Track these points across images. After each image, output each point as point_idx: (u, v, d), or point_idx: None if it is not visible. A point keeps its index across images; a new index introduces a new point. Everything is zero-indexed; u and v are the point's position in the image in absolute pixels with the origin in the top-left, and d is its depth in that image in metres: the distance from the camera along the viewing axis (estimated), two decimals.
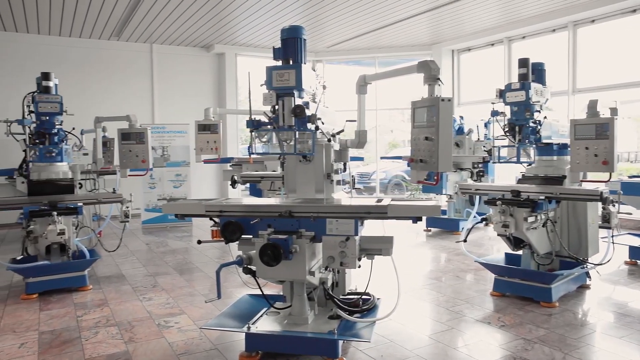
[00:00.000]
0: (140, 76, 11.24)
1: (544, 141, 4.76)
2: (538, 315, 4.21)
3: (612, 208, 4.20)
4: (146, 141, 5.88)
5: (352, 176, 4.11)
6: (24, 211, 4.98)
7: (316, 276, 3.36)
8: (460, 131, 8.28)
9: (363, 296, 3.78)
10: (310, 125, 3.28)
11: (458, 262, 6.22)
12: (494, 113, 4.79)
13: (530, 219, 4.34)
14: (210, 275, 5.77)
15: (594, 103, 4.46)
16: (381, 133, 13.56)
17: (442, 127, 3.12)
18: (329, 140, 3.66)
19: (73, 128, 6.02)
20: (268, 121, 3.37)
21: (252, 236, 3.22)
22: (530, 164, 5.06)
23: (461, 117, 8.46)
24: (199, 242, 3.53)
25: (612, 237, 4.71)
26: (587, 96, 8.49)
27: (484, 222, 4.80)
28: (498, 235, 4.62)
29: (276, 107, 3.27)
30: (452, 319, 4.18)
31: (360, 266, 3.25)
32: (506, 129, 4.74)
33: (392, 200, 3.29)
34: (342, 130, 3.87)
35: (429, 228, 8.53)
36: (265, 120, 3.40)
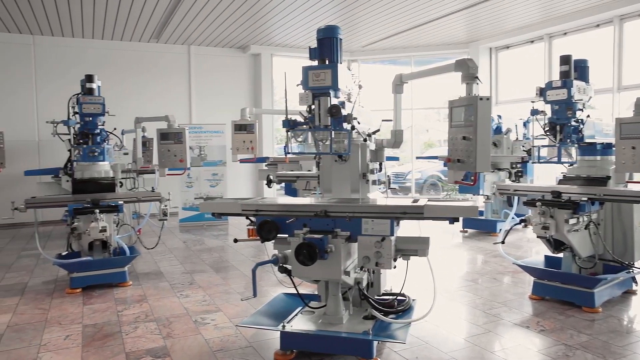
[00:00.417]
0: (178, 77, 11.48)
1: (587, 141, 4.61)
2: (580, 320, 4.09)
3: None
4: (184, 141, 6.00)
5: (388, 176, 4.09)
6: (69, 209, 5.15)
7: (351, 276, 3.36)
8: (498, 131, 8.11)
9: (398, 297, 3.76)
10: (346, 125, 3.27)
11: (495, 264, 6.10)
12: (534, 112, 4.67)
13: (571, 221, 4.21)
14: (245, 273, 5.84)
15: None
16: (417, 133, 13.42)
17: (480, 127, 3.07)
18: (365, 140, 3.64)
19: (114, 128, 6.20)
20: (304, 121, 3.38)
21: (288, 235, 3.24)
22: (571, 164, 4.91)
23: (499, 116, 8.28)
24: (235, 241, 3.58)
25: None
26: (634, 94, 8.15)
27: (523, 224, 4.68)
28: (537, 237, 4.50)
29: (312, 107, 3.28)
30: (489, 322, 4.10)
31: (395, 267, 3.23)
32: (547, 128, 4.61)
33: (429, 200, 3.25)
34: (378, 129, 3.85)
35: (466, 229, 8.40)
36: (301, 120, 3.41)
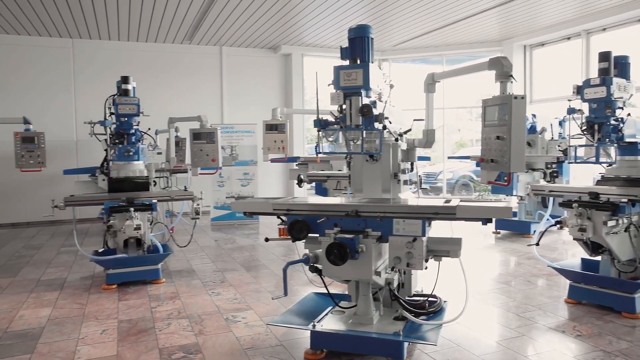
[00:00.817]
0: (210, 77, 11.64)
1: (627, 140, 4.46)
2: (619, 326, 3.96)
3: None
4: (216, 141, 6.08)
5: (419, 176, 4.05)
6: (105, 207, 5.28)
7: (382, 276, 3.34)
8: (532, 130, 7.94)
9: (429, 298, 3.72)
10: (377, 124, 3.26)
11: (529, 266, 5.97)
12: (571, 110, 4.55)
13: (610, 223, 4.08)
14: (276, 272, 5.88)
15: None
16: (448, 132, 13.25)
17: (515, 126, 3.01)
18: (396, 139, 3.62)
19: (149, 128, 6.32)
20: (335, 121, 3.38)
21: (319, 235, 3.25)
22: (610, 165, 4.76)
23: (533, 116, 8.11)
24: (267, 240, 3.60)
25: None
26: None
27: (558, 225, 4.57)
28: (574, 239, 4.39)
29: (343, 107, 3.28)
30: (523, 326, 4.01)
31: (427, 268, 3.20)
32: (584, 128, 4.49)
33: (461, 201, 3.21)
34: (410, 129, 3.82)
35: (498, 230, 8.25)
36: (331, 119, 3.41)
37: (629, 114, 4.40)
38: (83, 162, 9.98)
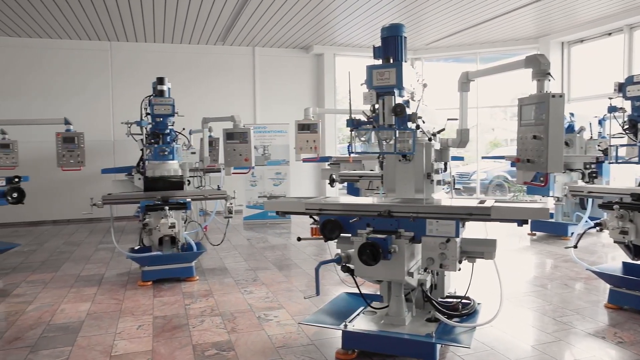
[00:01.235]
0: (243, 78, 11.77)
1: None
2: None
3: None
4: (249, 140, 6.14)
5: (453, 176, 4.00)
6: (141, 205, 5.41)
7: (415, 277, 3.31)
8: (570, 129, 7.74)
9: (462, 300, 3.67)
10: (410, 124, 3.23)
11: (566, 270, 5.81)
12: (612, 109, 4.41)
13: None
14: (307, 271, 5.90)
15: None
16: (482, 132, 13.03)
17: (553, 125, 2.93)
18: (430, 139, 3.58)
19: (183, 128, 6.44)
20: (367, 120, 3.37)
21: (351, 235, 3.24)
22: None
23: (571, 114, 7.89)
24: (299, 240, 3.61)
25: None
26: None
27: (598, 228, 4.43)
28: (615, 242, 4.25)
29: (376, 106, 3.26)
30: (560, 330, 3.91)
31: (460, 269, 3.15)
32: (626, 126, 4.34)
33: (495, 201, 3.15)
34: (443, 129, 3.77)
35: (534, 232, 8.06)
36: (364, 119, 3.40)
37: None
38: (120, 162, 10.26)
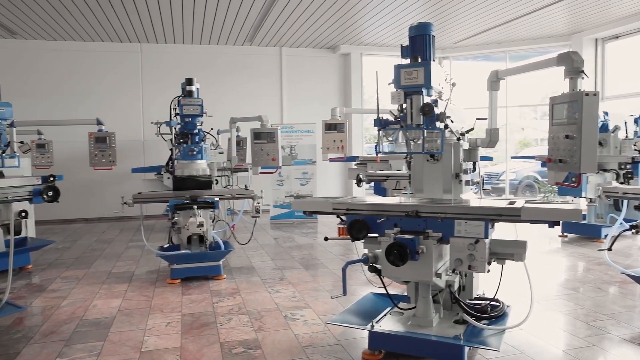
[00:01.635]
0: (270, 78, 11.85)
1: None
2: None
3: None
4: (276, 140, 6.17)
5: (481, 176, 3.94)
6: (170, 204, 5.50)
7: (442, 278, 3.28)
8: (604, 128, 7.54)
9: (491, 302, 3.61)
10: (438, 123, 3.20)
11: (600, 273, 5.66)
12: None
13: None
14: (334, 271, 5.90)
15: None
16: (511, 131, 12.81)
17: (586, 124, 2.86)
18: (458, 139, 3.54)
19: (211, 128, 6.51)
20: (395, 120, 3.35)
21: (378, 235, 3.23)
22: None
23: (605, 113, 7.69)
24: (326, 239, 3.62)
25: None
26: None
27: (633, 230, 4.30)
28: None
29: (404, 106, 3.24)
30: (593, 335, 3.81)
31: (489, 271, 3.11)
32: None
33: (526, 202, 3.09)
34: (472, 128, 3.72)
35: (565, 234, 7.88)
36: (391, 119, 3.38)
37: None
38: (149, 161, 10.46)
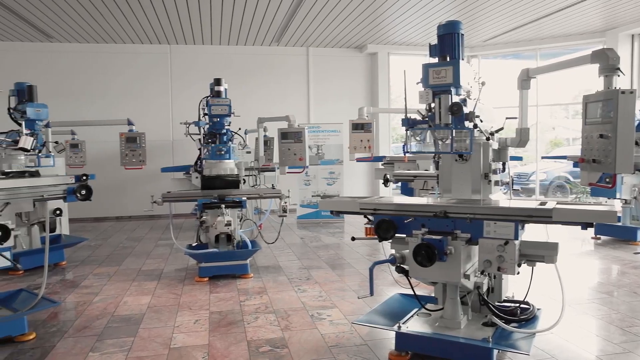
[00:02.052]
0: (297, 78, 11.89)
1: None
2: None
3: None
4: (303, 140, 6.19)
5: (511, 177, 3.88)
6: (198, 203, 5.57)
7: (471, 280, 3.24)
8: None
9: (521, 305, 3.55)
10: (467, 123, 3.16)
11: (635, 277, 5.50)
12: None
13: None
14: (360, 271, 5.89)
15: None
16: (542, 131, 12.55)
17: (622, 123, 2.78)
18: (487, 138, 3.49)
19: (239, 128, 6.57)
20: (423, 119, 3.32)
21: (406, 235, 3.21)
22: None
23: None
24: (353, 239, 3.61)
25: None
26: None
27: None
28: None
29: (432, 105, 3.21)
30: (629, 341, 3.70)
31: (519, 273, 3.05)
32: None
33: (557, 203, 3.03)
34: (502, 128, 3.66)
35: (599, 236, 7.67)
36: (419, 118, 3.36)
37: None
38: (178, 161, 10.63)
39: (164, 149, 11.10)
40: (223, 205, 5.47)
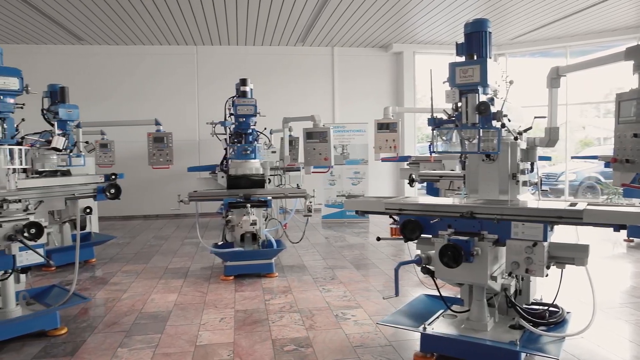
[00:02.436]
0: (322, 78, 11.90)
1: None
2: None
3: None
4: (329, 140, 6.19)
5: (540, 177, 3.80)
6: (224, 202, 5.62)
7: (498, 281, 3.19)
8: None
9: (550, 308, 3.48)
10: (495, 122, 3.11)
11: None
12: None
13: None
14: (385, 271, 5.86)
15: None
16: (571, 130, 12.27)
17: None
18: (515, 138, 3.43)
19: (264, 128, 6.61)
20: (449, 119, 3.29)
21: (432, 236, 3.18)
22: None
23: None
24: (379, 239, 3.60)
25: None
26: None
27: None
28: None
29: (459, 105, 3.17)
30: None
31: (547, 275, 2.99)
32: None
33: (588, 204, 2.96)
34: (530, 127, 3.60)
35: (631, 238, 7.47)
36: (445, 117, 3.32)
37: None
38: (204, 160, 10.75)
39: (191, 149, 11.25)
40: (248, 204, 5.51)
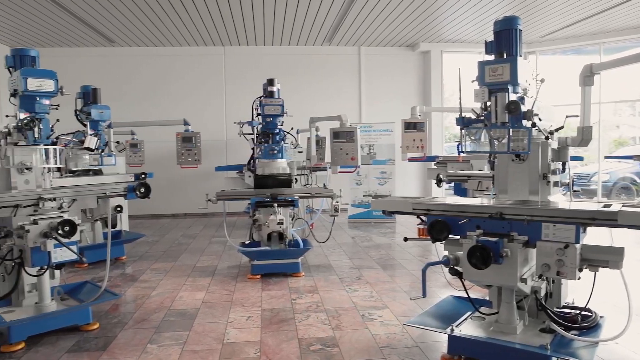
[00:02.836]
0: (349, 77, 11.89)
1: None
2: None
3: None
4: (356, 140, 6.18)
5: (571, 177, 3.71)
6: (251, 202, 5.66)
7: (528, 284, 3.12)
8: None
9: (582, 312, 3.39)
10: (525, 122, 3.06)
11: None
12: None
13: None
14: (412, 272, 5.82)
15: None
16: (605, 129, 11.96)
17: None
18: (547, 137, 3.35)
19: (291, 128, 6.63)
20: (477, 118, 3.24)
21: (460, 237, 3.14)
22: None
23: None
24: (406, 240, 3.57)
25: None
26: None
27: None
28: None
29: (488, 104, 3.13)
30: None
31: (580, 278, 2.92)
32: None
33: (623, 205, 2.87)
34: (562, 126, 3.52)
35: None
36: (473, 117, 3.28)
37: None
38: (232, 160, 10.85)
39: (218, 149, 11.38)
40: (275, 204, 5.54)
